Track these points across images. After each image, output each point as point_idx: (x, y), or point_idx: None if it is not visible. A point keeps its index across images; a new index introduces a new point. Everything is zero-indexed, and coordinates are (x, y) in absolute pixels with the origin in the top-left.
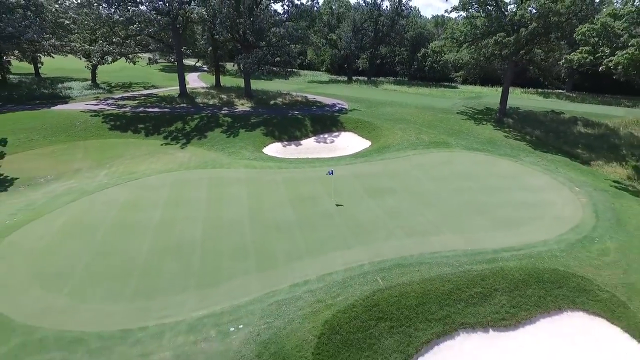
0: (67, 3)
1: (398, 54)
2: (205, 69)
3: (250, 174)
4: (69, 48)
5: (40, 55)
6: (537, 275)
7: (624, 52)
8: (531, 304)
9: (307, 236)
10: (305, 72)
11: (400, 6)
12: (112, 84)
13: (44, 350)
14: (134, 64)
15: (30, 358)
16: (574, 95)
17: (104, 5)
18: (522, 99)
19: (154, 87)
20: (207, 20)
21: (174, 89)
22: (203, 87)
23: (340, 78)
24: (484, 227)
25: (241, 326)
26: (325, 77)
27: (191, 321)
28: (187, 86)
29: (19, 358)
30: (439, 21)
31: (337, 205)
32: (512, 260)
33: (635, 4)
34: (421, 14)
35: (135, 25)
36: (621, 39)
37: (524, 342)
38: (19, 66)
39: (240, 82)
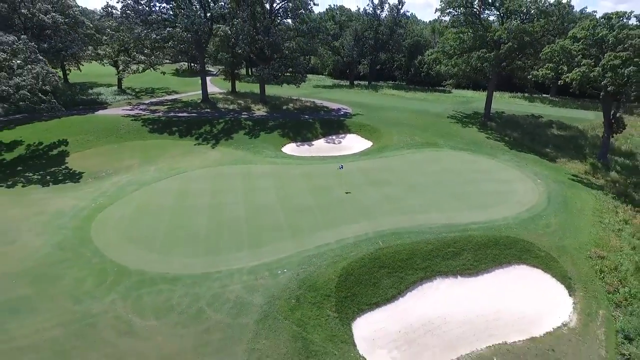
0: (111, 23)
1: (396, 60)
2: (214, 73)
3: (274, 169)
4: (100, 58)
5: (74, 64)
6: (495, 240)
7: (577, 70)
8: (489, 259)
9: (325, 215)
10: (310, 76)
11: (399, 16)
12: (137, 90)
13: (154, 284)
14: (163, 74)
15: (148, 288)
16: (557, 100)
17: (141, 25)
18: (509, 103)
19: (175, 92)
20: (230, 37)
21: (193, 94)
22: (220, 93)
23: (342, 82)
24: (460, 209)
25: (285, 270)
26: (328, 81)
27: (250, 268)
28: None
29: (140, 288)
30: (436, 27)
31: (347, 193)
32: (478, 230)
33: (589, 30)
34: (419, 18)
35: (170, 43)
36: (576, 59)
37: (482, 284)
38: None
39: (252, 87)
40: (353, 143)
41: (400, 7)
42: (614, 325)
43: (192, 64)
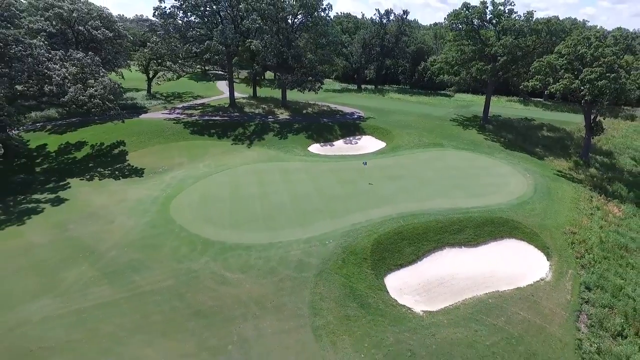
0: (155, 39)
1: (401, 66)
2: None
3: (305, 165)
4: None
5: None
6: (491, 220)
7: (560, 82)
8: (486, 234)
9: (354, 201)
10: None
11: (403, 25)
12: (165, 95)
13: (234, 250)
14: (197, 82)
15: (230, 253)
16: (550, 104)
17: (179, 39)
18: (505, 107)
19: (200, 96)
20: (260, 50)
21: (216, 99)
22: (243, 98)
23: (350, 86)
24: (462, 197)
25: (331, 240)
26: (337, 85)
27: (304, 239)
28: (224, 96)
29: (224, 253)
30: (438, 33)
31: (369, 184)
32: (477, 213)
33: (572, 47)
34: (420, 22)
35: (207, 55)
36: (560, 72)
37: (481, 252)
38: None
39: (268, 92)
40: (368, 143)
41: (405, 16)
42: (578, 280)
43: (210, 70)
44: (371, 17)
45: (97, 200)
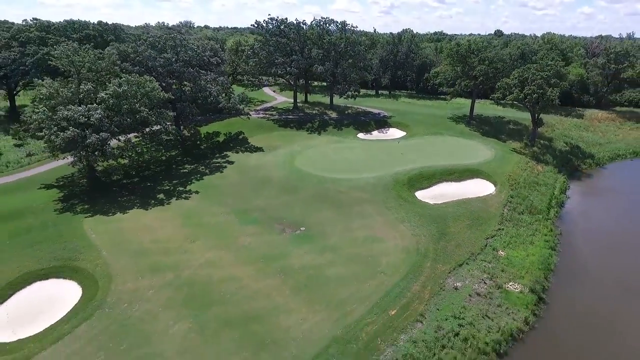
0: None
1: (409, 75)
2: (265, 83)
3: (359, 144)
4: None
5: None
6: (468, 170)
7: (512, 95)
8: (464, 176)
9: (395, 161)
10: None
11: (412, 45)
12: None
13: (341, 181)
14: (274, 92)
15: (339, 182)
16: (522, 106)
17: (266, 65)
18: (486, 108)
19: (264, 101)
20: (323, 73)
21: (277, 102)
22: (298, 102)
23: (369, 92)
24: (453, 159)
25: (387, 177)
26: None
27: (373, 176)
28: (279, 100)
29: (337, 181)
30: (438, 47)
31: (401, 154)
32: (461, 167)
33: (521, 73)
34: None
35: (287, 76)
36: (512, 88)
37: (461, 184)
38: None
39: (314, 98)
40: (395, 133)
41: (413, 39)
42: (508, 194)
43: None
44: (387, 39)
45: (250, 162)
